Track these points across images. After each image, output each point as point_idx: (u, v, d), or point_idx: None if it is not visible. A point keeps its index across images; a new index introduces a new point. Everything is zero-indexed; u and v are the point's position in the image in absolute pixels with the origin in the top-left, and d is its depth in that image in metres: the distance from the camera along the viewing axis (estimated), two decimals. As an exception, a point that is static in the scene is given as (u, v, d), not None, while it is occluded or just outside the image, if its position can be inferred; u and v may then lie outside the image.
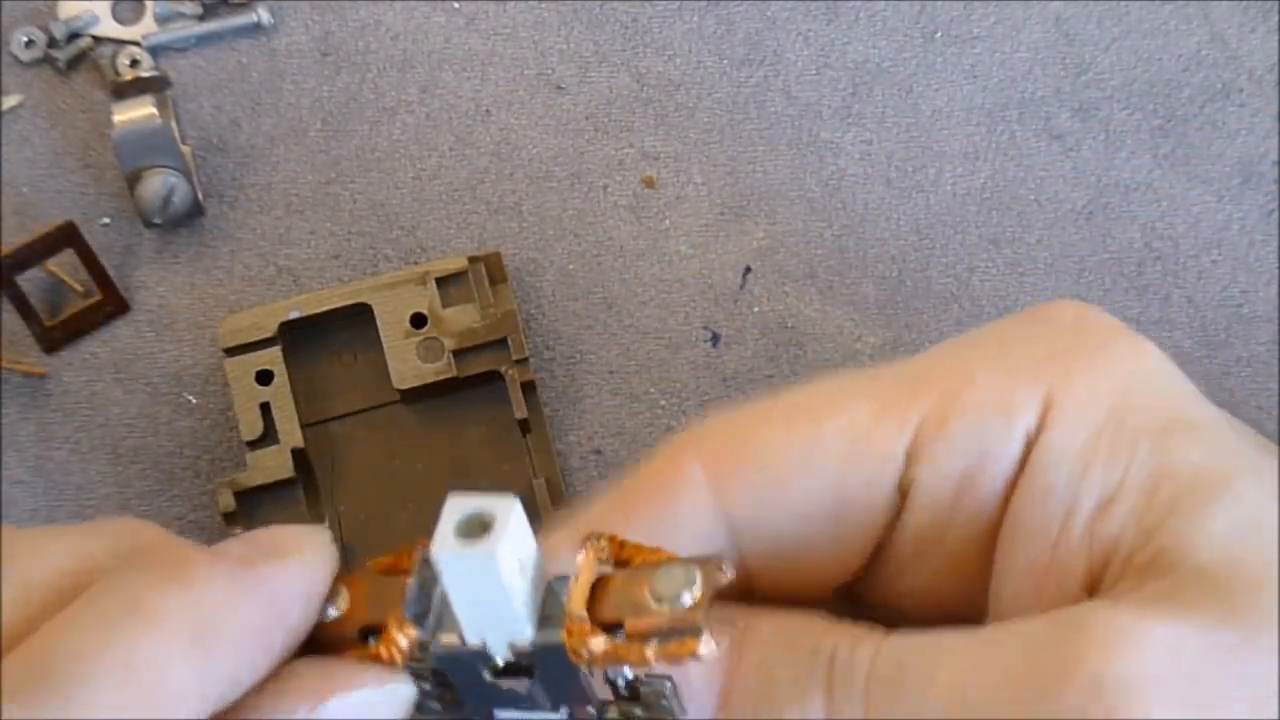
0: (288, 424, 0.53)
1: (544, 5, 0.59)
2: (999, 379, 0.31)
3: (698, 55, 0.59)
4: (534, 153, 0.58)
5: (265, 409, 0.53)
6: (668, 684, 0.30)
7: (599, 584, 0.29)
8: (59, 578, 0.29)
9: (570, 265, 0.57)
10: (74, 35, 0.58)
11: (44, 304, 0.56)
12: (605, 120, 0.58)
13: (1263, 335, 0.56)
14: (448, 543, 0.28)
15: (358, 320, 0.54)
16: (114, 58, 0.58)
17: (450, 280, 0.54)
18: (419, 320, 0.54)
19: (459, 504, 0.28)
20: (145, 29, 0.58)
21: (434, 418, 0.55)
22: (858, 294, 0.56)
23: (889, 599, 0.34)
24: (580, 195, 0.57)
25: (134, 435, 0.55)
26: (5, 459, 0.54)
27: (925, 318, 0.56)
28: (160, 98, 0.55)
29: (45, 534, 0.30)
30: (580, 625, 0.28)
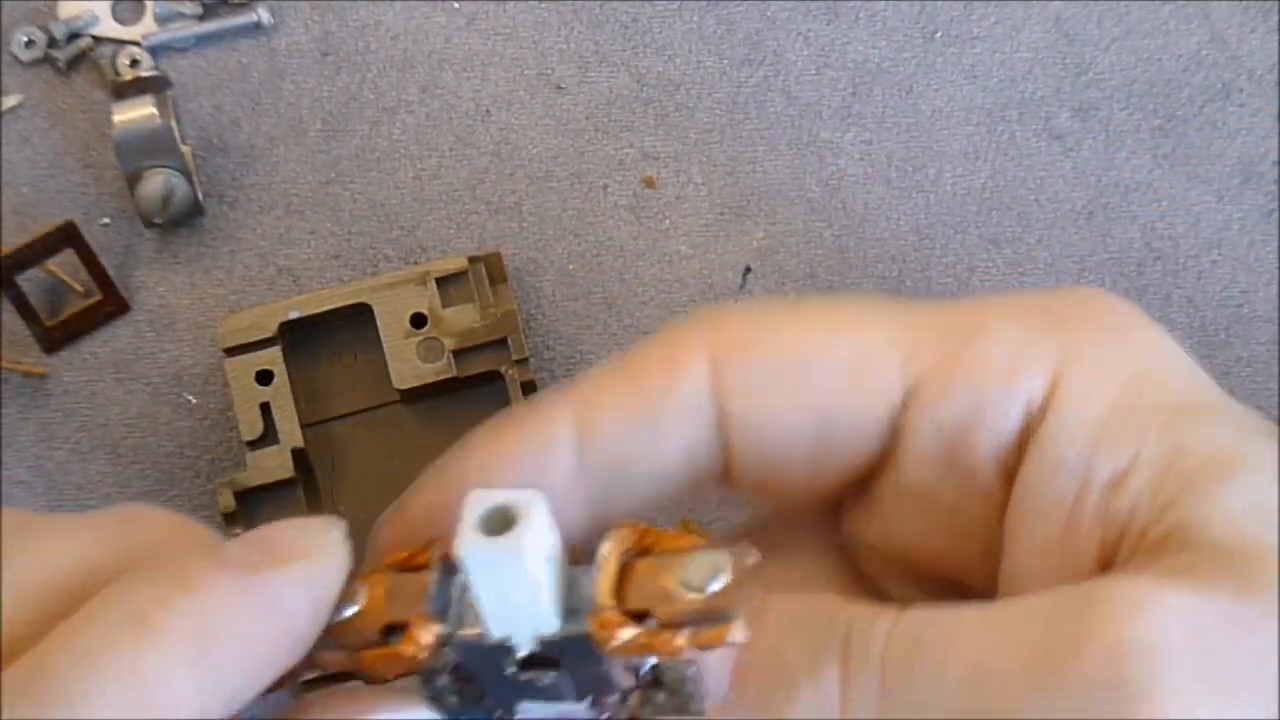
0: (288, 424, 0.53)
1: (544, 5, 0.59)
2: (1009, 341, 0.31)
3: (698, 55, 0.59)
4: (534, 153, 0.58)
5: (265, 409, 0.53)
6: (691, 668, 0.29)
7: (624, 572, 0.29)
8: (63, 579, 0.29)
9: (570, 265, 0.57)
10: (74, 35, 0.58)
11: (44, 304, 0.56)
12: (605, 120, 0.58)
13: (1263, 335, 0.56)
14: (473, 538, 0.28)
15: (358, 320, 0.54)
16: (114, 58, 0.58)
17: (450, 280, 0.54)
18: (419, 320, 0.54)
19: (481, 498, 0.28)
20: (145, 29, 0.58)
21: (434, 418, 0.55)
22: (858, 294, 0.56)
23: (889, 556, 0.34)
24: (580, 195, 0.57)
25: (134, 435, 0.55)
26: (5, 459, 0.54)
27: (925, 318, 0.56)
28: (160, 98, 0.55)
29: (47, 529, 0.30)
30: (609, 616, 0.28)
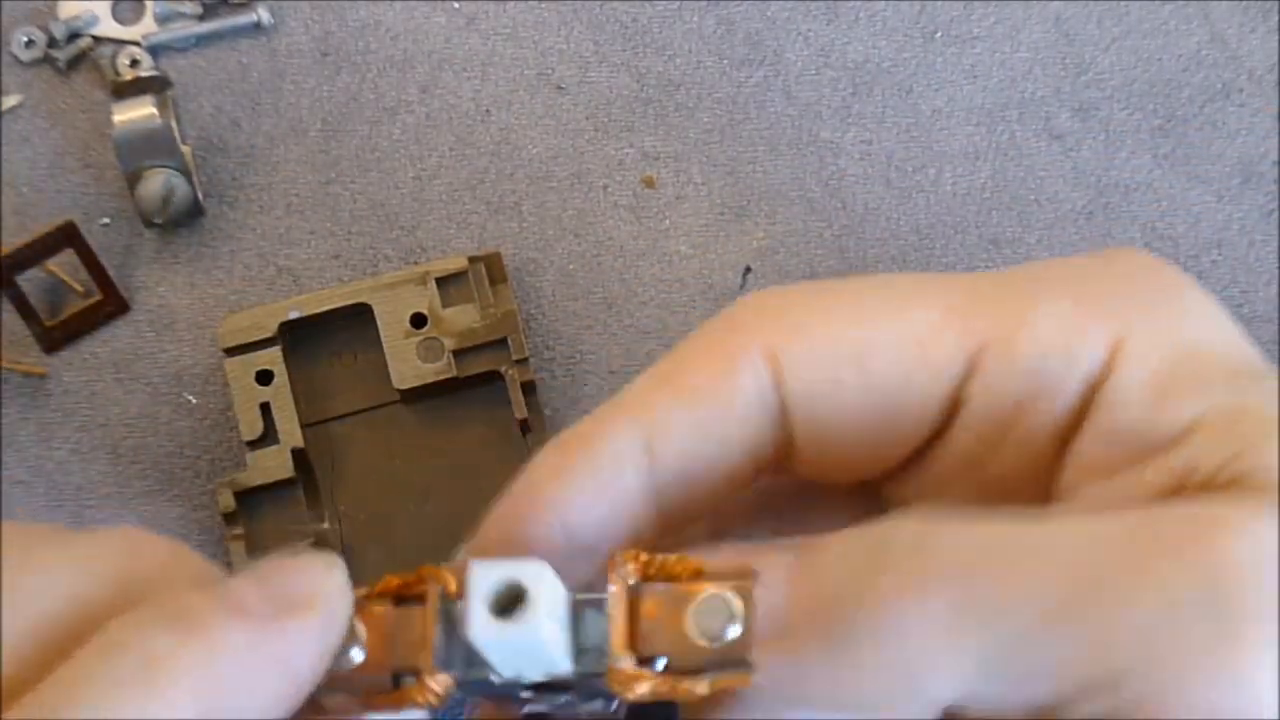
0: (288, 424, 0.53)
1: (544, 5, 0.59)
2: (1067, 311, 0.31)
3: (698, 55, 0.59)
4: (534, 153, 0.58)
5: (265, 409, 0.53)
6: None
7: (632, 607, 0.28)
8: (61, 612, 0.28)
9: (570, 265, 0.57)
10: (74, 35, 0.58)
11: (44, 304, 0.56)
12: (605, 120, 0.58)
13: (1263, 335, 0.56)
14: (485, 623, 0.27)
15: (358, 320, 0.54)
16: (114, 58, 0.58)
17: (450, 280, 0.54)
18: (419, 320, 0.54)
19: (484, 573, 0.28)
20: (145, 29, 0.58)
21: (434, 418, 0.55)
22: (858, 294, 0.56)
23: None
24: (580, 195, 0.57)
25: (134, 435, 0.55)
26: (5, 459, 0.54)
27: (925, 318, 0.56)
28: (160, 98, 0.55)
29: (44, 557, 0.29)
30: (625, 673, 0.28)
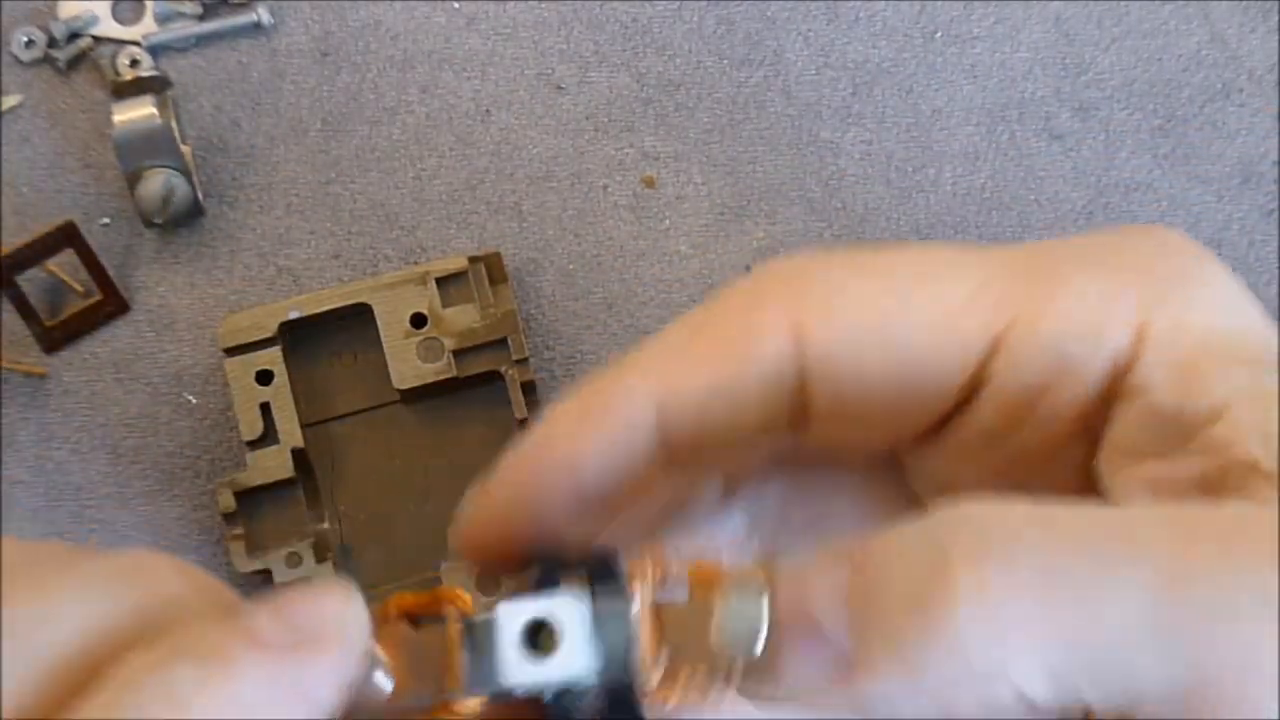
0: (288, 424, 0.53)
1: (544, 5, 0.59)
2: (1094, 292, 0.31)
3: (698, 55, 0.59)
4: (534, 153, 0.58)
5: (265, 409, 0.53)
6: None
7: (654, 617, 0.28)
8: (78, 643, 0.27)
9: (570, 265, 0.57)
10: (74, 35, 0.58)
11: (44, 304, 0.56)
12: (605, 120, 0.58)
13: (1263, 335, 0.56)
14: (517, 664, 0.27)
15: (358, 320, 0.54)
16: (114, 58, 0.58)
17: (450, 280, 0.54)
18: (419, 320, 0.54)
19: (514, 612, 0.28)
20: (145, 29, 0.58)
21: (434, 418, 0.55)
22: (858, 294, 0.56)
23: (944, 486, 0.34)
24: (580, 195, 0.57)
25: (134, 435, 0.55)
26: (5, 459, 0.54)
27: (925, 318, 0.56)
28: (160, 98, 0.55)
29: (58, 582, 0.28)
30: (659, 694, 0.28)
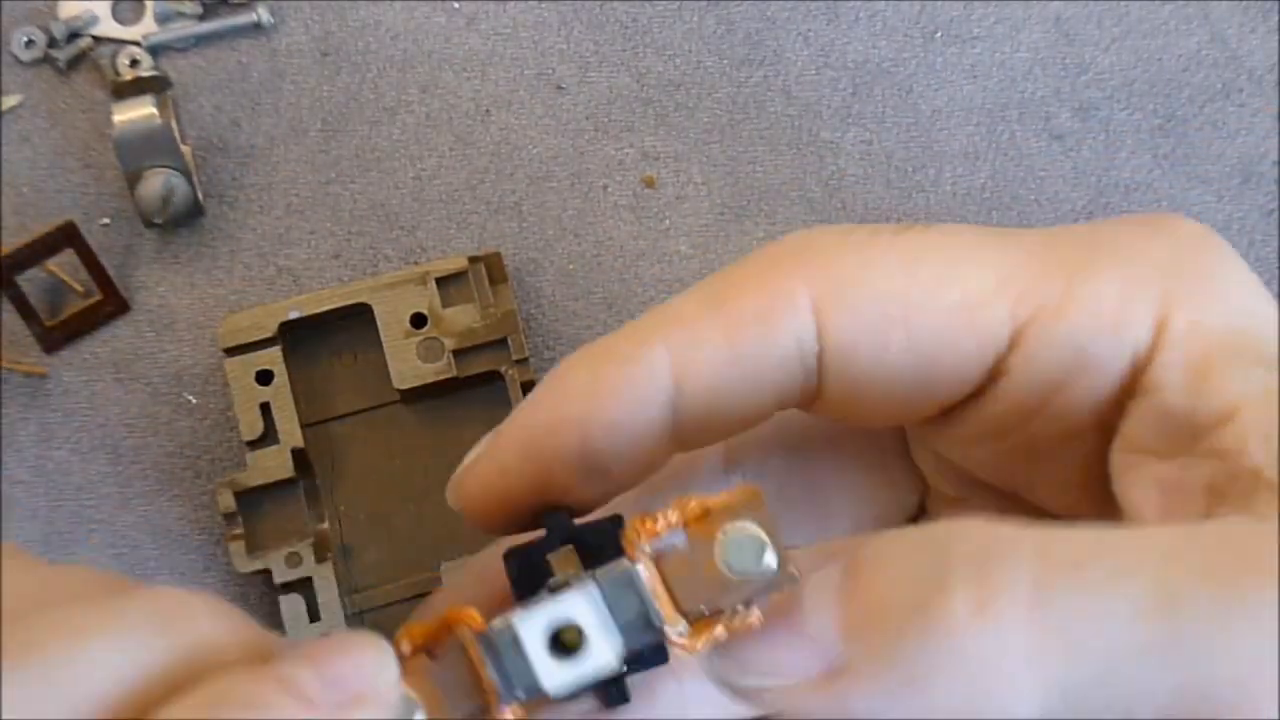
0: (288, 424, 0.53)
1: (544, 5, 0.59)
2: (1115, 287, 0.31)
3: (698, 55, 0.59)
4: (534, 153, 0.58)
5: (265, 409, 0.53)
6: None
7: (660, 570, 0.29)
8: (113, 692, 0.26)
9: (570, 265, 0.57)
10: (74, 35, 0.58)
11: (44, 304, 0.56)
12: (605, 120, 0.58)
13: (1263, 335, 0.56)
14: (551, 672, 0.28)
15: (358, 320, 0.54)
16: (114, 58, 0.58)
17: (450, 280, 0.54)
18: (419, 320, 0.54)
19: (534, 617, 0.28)
20: (145, 29, 0.58)
21: (434, 418, 0.55)
22: (858, 294, 0.56)
23: (955, 466, 0.34)
24: (580, 195, 0.57)
25: (134, 435, 0.55)
26: (5, 459, 0.54)
27: (925, 318, 0.56)
28: (160, 98, 0.55)
29: (87, 628, 0.27)
30: (686, 643, 0.28)
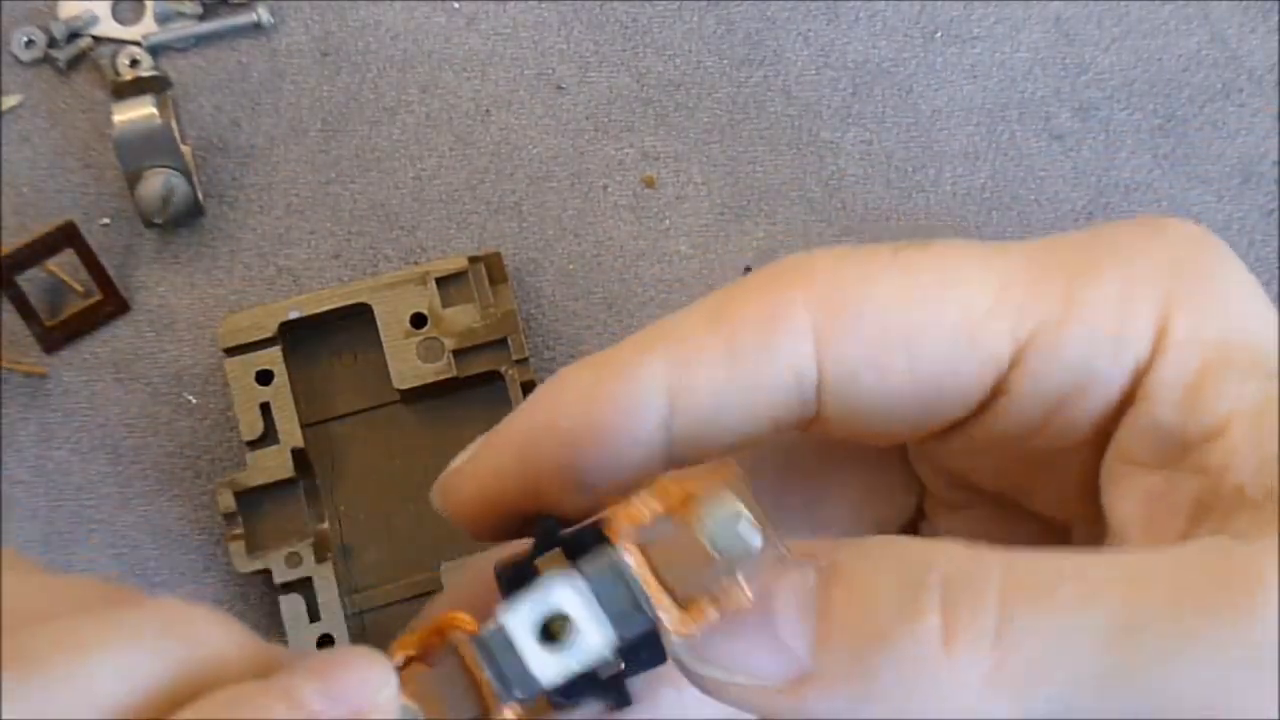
0: (288, 424, 0.53)
1: (544, 5, 0.59)
2: (1115, 298, 0.31)
3: (698, 55, 0.59)
4: (534, 153, 0.58)
5: (265, 409, 0.53)
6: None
7: (646, 557, 0.28)
8: (116, 705, 0.26)
9: (570, 265, 0.57)
10: (74, 35, 0.58)
11: (44, 304, 0.56)
12: (605, 120, 0.58)
13: (1263, 335, 0.56)
14: (543, 661, 0.28)
15: (358, 320, 0.54)
16: (114, 58, 0.58)
17: (450, 280, 0.54)
18: (419, 320, 0.54)
19: (520, 610, 0.28)
20: (145, 29, 0.58)
21: (434, 418, 0.55)
22: (858, 294, 0.56)
23: (952, 475, 0.34)
24: (580, 195, 0.57)
25: (134, 435, 0.55)
26: (5, 459, 0.54)
27: (925, 318, 0.56)
28: (160, 98, 0.55)
29: (96, 639, 0.27)
30: (681, 628, 0.28)
